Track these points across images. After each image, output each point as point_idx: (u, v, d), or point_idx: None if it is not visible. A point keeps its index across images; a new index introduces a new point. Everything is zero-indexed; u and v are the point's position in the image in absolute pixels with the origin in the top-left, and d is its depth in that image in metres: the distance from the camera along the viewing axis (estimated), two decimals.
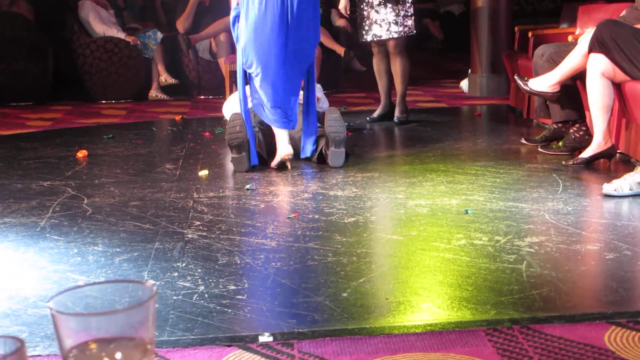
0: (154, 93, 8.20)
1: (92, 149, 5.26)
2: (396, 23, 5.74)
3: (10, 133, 6.23)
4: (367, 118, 6.22)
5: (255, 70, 4.42)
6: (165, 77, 8.22)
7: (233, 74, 5.58)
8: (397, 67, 5.95)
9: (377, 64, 6.08)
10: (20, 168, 4.74)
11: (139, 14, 9.39)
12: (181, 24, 8.18)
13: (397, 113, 6.08)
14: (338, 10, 8.33)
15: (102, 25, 8.08)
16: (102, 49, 8.08)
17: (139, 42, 8.09)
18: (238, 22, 4.47)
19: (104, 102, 8.13)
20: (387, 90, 6.17)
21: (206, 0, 8.29)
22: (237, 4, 4.48)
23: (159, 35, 8.23)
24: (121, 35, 8.11)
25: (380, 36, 5.83)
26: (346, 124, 4.63)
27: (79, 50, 8.14)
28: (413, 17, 5.83)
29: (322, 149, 4.52)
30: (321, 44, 7.73)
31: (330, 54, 7.91)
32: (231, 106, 5.20)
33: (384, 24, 5.75)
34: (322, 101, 5.31)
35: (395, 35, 5.79)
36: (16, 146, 5.55)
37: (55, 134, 6.11)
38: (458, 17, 13.16)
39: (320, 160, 4.54)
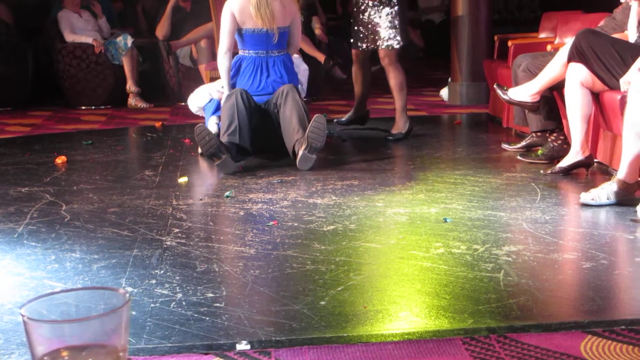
0: (132, 101, 8.06)
1: (71, 155, 5.23)
2: (385, 36, 5.61)
3: None
4: (335, 120, 6.24)
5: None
6: (129, 85, 8.02)
7: (214, 80, 5.56)
8: (390, 80, 5.70)
9: (355, 72, 6.02)
10: None
11: (117, 20, 9.22)
12: (160, 31, 8.14)
13: (393, 129, 5.77)
14: (318, 18, 8.32)
15: (71, 35, 7.99)
16: (72, 55, 8.02)
17: (102, 48, 7.94)
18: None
19: (83, 108, 8.08)
20: (359, 97, 6.13)
21: (187, 6, 8.27)
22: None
23: (129, 40, 8.04)
24: (89, 40, 7.99)
25: (369, 47, 5.71)
26: (327, 131, 4.63)
27: (54, 55, 8.10)
28: (398, 29, 5.59)
29: (295, 146, 4.59)
30: (302, 51, 7.74)
31: (311, 61, 7.91)
32: (197, 98, 5.33)
33: (376, 35, 5.63)
34: (299, 65, 5.34)
35: (383, 47, 5.62)
36: None
37: (34, 140, 6.07)
38: (439, 26, 13.22)
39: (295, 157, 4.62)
